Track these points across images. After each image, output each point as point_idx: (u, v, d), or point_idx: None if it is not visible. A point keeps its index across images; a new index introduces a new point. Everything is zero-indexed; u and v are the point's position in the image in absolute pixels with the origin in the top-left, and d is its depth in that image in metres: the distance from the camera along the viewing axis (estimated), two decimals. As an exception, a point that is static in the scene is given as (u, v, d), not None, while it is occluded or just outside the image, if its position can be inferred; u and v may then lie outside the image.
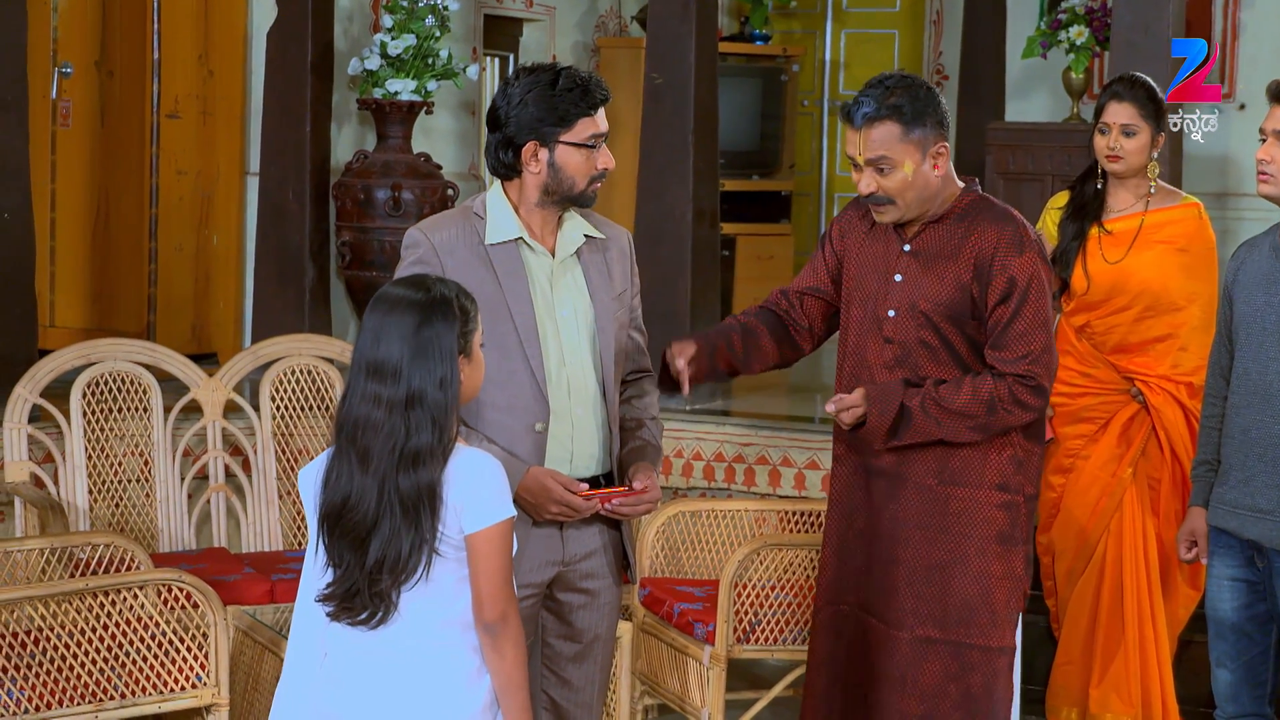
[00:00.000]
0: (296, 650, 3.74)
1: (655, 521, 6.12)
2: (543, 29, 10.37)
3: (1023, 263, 4.27)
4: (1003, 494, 4.35)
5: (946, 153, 4.32)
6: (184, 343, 8.30)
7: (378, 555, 3.51)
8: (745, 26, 10.93)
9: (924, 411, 4.28)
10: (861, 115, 4.27)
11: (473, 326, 3.60)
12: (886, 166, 4.26)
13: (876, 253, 4.44)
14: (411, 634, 3.58)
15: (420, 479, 3.50)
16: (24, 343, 6.74)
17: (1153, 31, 6.64)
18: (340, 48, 8.63)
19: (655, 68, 7.72)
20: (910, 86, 4.28)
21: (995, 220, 4.33)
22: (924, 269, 4.34)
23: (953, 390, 4.29)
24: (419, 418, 3.50)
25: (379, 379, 3.52)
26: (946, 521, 4.33)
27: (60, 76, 8.39)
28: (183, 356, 6.59)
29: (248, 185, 8.69)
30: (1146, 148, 5.52)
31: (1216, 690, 4.75)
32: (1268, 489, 4.53)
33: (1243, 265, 4.71)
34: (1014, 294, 4.26)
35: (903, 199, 4.30)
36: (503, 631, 3.56)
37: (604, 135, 4.18)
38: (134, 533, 6.36)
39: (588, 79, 4.17)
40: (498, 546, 3.54)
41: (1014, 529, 4.36)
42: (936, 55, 11.08)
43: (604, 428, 4.25)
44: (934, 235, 4.36)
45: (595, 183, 4.20)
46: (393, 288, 3.62)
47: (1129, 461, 5.59)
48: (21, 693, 4.87)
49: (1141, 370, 5.57)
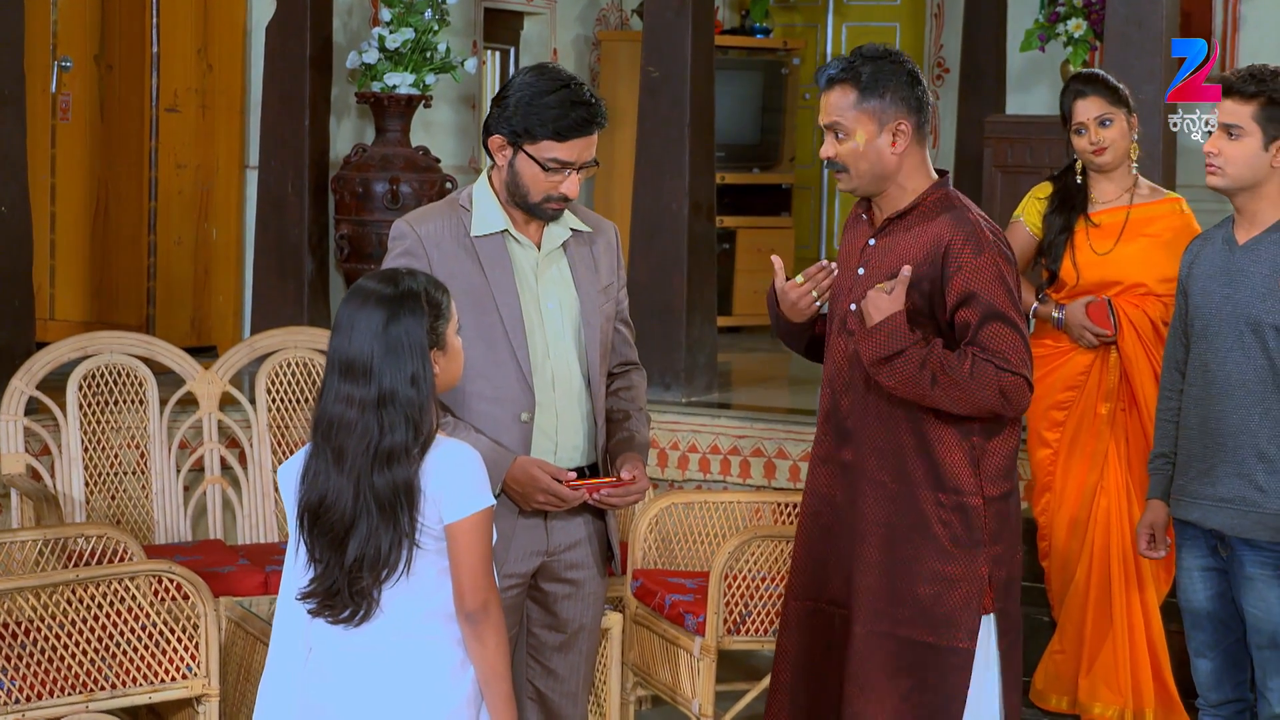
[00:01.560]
0: (279, 646, 3.76)
1: (648, 513, 6.14)
2: (543, 22, 10.39)
3: (980, 263, 4.15)
4: (956, 496, 4.20)
5: (908, 132, 4.20)
6: (184, 335, 8.34)
7: (356, 554, 3.54)
8: (746, 20, 10.94)
9: (923, 366, 4.14)
10: (825, 76, 4.24)
11: (445, 318, 3.61)
12: (841, 132, 4.20)
13: (853, 246, 4.38)
14: (395, 629, 3.60)
15: (396, 477, 3.52)
16: (22, 335, 6.77)
17: (1146, 25, 6.63)
18: (340, 41, 8.65)
19: (651, 61, 7.73)
20: (880, 58, 4.21)
21: (955, 218, 4.21)
22: (883, 263, 4.25)
23: (956, 361, 4.15)
24: (392, 416, 3.52)
25: (351, 378, 3.54)
26: (903, 521, 4.23)
27: (60, 71, 8.43)
28: (179, 349, 6.63)
29: (247, 179, 8.73)
30: (1127, 132, 5.57)
31: (1198, 680, 4.78)
32: (1228, 478, 4.58)
33: (1197, 259, 4.75)
34: (975, 298, 4.14)
35: (855, 169, 4.22)
36: (484, 620, 3.58)
37: (571, 165, 4.11)
38: (130, 525, 6.40)
39: (576, 103, 4.10)
40: (477, 536, 3.56)
41: (971, 531, 4.21)
42: (938, 49, 11.09)
43: (589, 419, 4.28)
44: (898, 229, 4.27)
45: (551, 203, 4.17)
46: (365, 281, 3.64)
47: (1103, 396, 5.62)
48: (13, 683, 4.91)
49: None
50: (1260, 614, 4.56)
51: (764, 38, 10.74)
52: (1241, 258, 4.62)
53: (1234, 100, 4.61)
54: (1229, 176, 4.61)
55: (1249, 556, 4.56)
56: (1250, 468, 4.55)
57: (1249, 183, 4.60)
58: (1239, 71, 4.65)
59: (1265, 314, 4.54)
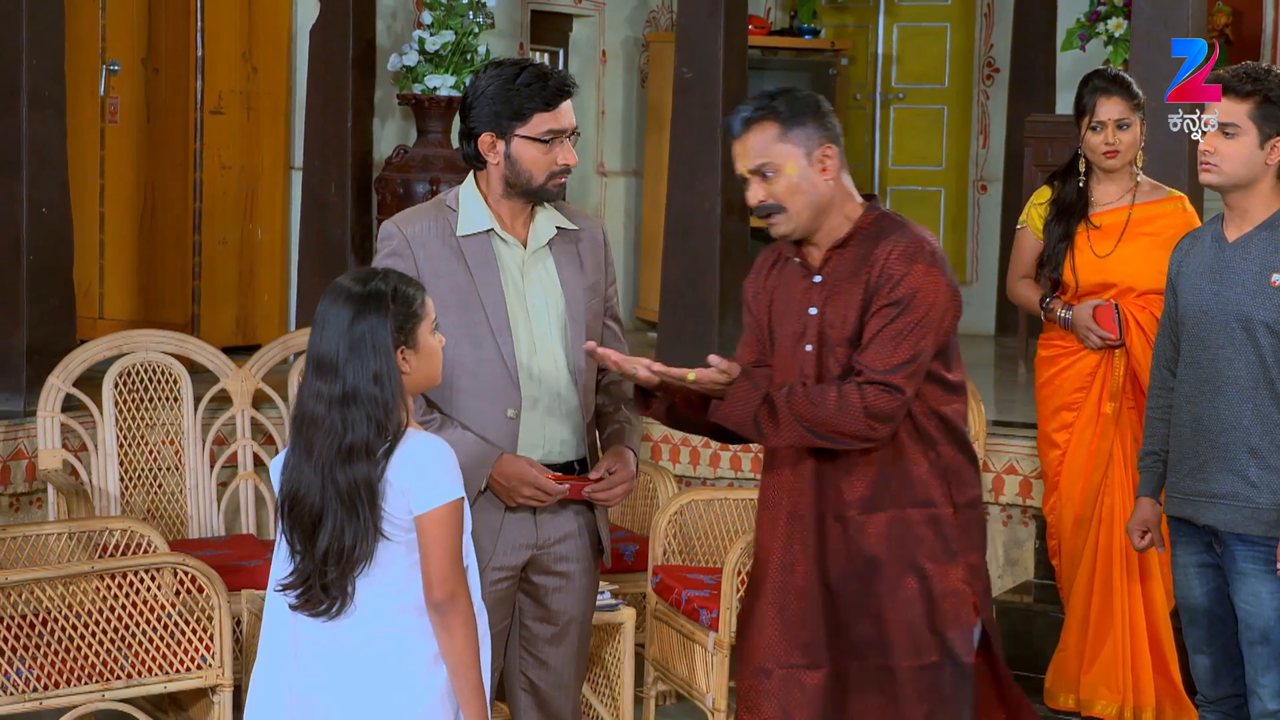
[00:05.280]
0: (268, 637, 3.85)
1: (668, 510, 6.20)
2: (592, 24, 10.46)
3: (912, 274, 3.98)
4: (926, 509, 4.06)
5: (835, 156, 4.05)
6: (229, 335, 8.49)
7: (324, 546, 3.62)
8: (794, 20, 10.98)
9: (787, 404, 3.97)
10: (740, 120, 4.07)
11: (416, 317, 3.68)
12: (770, 171, 4.03)
13: (794, 293, 4.15)
14: (370, 623, 3.68)
15: (355, 474, 3.60)
16: (61, 333, 6.89)
17: (1172, 25, 6.62)
18: (383, 44, 8.76)
19: (684, 62, 7.79)
20: (788, 92, 4.08)
21: (890, 235, 4.05)
22: (832, 297, 4.07)
23: (820, 395, 3.97)
24: (354, 414, 3.60)
25: (321, 375, 3.64)
26: (875, 549, 4.05)
27: (108, 74, 8.58)
28: (213, 347, 6.74)
29: (291, 179, 8.86)
30: (1139, 139, 5.60)
31: (1196, 676, 4.80)
32: (1221, 474, 4.60)
33: (1186, 256, 4.77)
34: (895, 304, 3.97)
35: (792, 204, 4.04)
36: (451, 610, 3.65)
37: (565, 131, 4.24)
38: (165, 519, 6.52)
39: (548, 74, 4.24)
40: (446, 528, 3.63)
41: (946, 543, 4.08)
42: (988, 48, 11.08)
43: (576, 414, 4.35)
44: (840, 260, 4.09)
45: (555, 178, 4.27)
46: (341, 278, 3.73)
47: (1108, 396, 5.63)
48: (30, 672, 5.03)
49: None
50: (1252, 609, 4.57)
51: (811, 38, 10.77)
52: (1231, 255, 4.64)
53: (1230, 99, 4.64)
54: (1225, 174, 4.64)
55: (1242, 552, 4.58)
56: (1242, 464, 4.57)
57: (1244, 180, 4.63)
58: (1235, 70, 4.68)
59: (1255, 311, 4.56)
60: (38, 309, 6.78)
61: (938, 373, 4.08)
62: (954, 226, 11.18)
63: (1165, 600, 5.63)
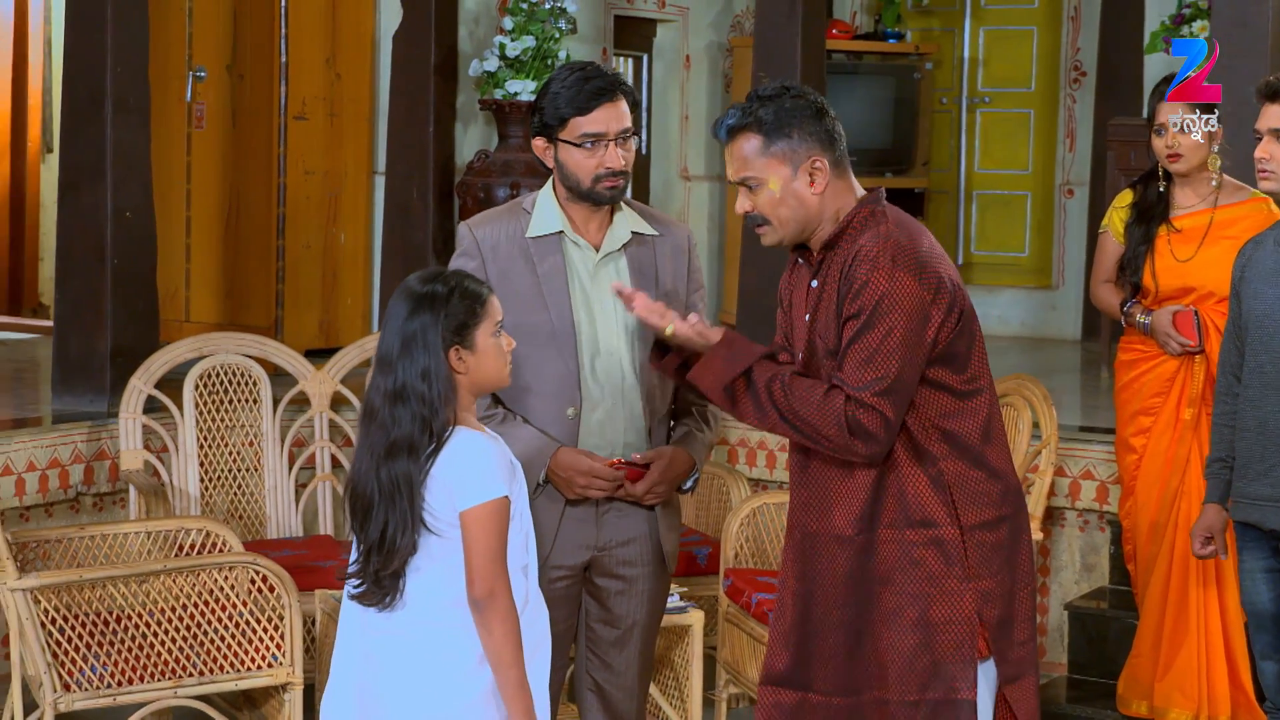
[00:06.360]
0: (343, 636, 3.90)
1: (739, 513, 6.21)
2: (676, 29, 10.48)
3: (874, 280, 3.72)
4: (926, 530, 3.79)
5: (825, 169, 3.83)
6: (312, 338, 8.58)
7: (375, 536, 3.68)
8: (879, 25, 10.97)
9: (767, 389, 3.81)
10: (725, 128, 3.91)
11: (476, 317, 3.72)
12: (753, 184, 3.85)
13: (800, 297, 3.97)
14: (418, 616, 3.73)
15: (396, 469, 3.66)
16: (145, 336, 6.99)
17: (1252, 25, 6.56)
18: (466, 49, 8.82)
19: (762, 66, 7.79)
20: (778, 96, 3.86)
21: (866, 233, 3.81)
22: (822, 303, 3.86)
23: (807, 388, 3.79)
24: (401, 411, 3.66)
25: (380, 369, 3.71)
26: (874, 573, 3.82)
27: (195, 80, 8.69)
28: (291, 350, 6.82)
29: (375, 184, 8.94)
30: (1205, 143, 5.53)
31: (1264, 682, 4.77)
32: None
33: (1249, 262, 4.73)
34: (856, 315, 3.74)
35: (776, 218, 3.86)
36: (490, 608, 3.68)
37: (603, 135, 4.23)
38: (245, 520, 6.60)
39: (590, 78, 4.25)
40: (487, 525, 3.67)
41: (950, 565, 3.80)
42: (1074, 52, 11.01)
43: (640, 418, 4.36)
44: (830, 262, 3.86)
45: (603, 181, 4.27)
46: (410, 277, 3.78)
47: (1187, 401, 5.59)
48: (105, 668, 5.12)
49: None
50: None
51: (895, 42, 10.76)
52: None
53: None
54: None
55: None
56: None
57: None
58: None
59: None
60: (121, 312, 6.89)
61: (943, 380, 3.82)
62: (1040, 231, 11.12)
63: (1240, 608, 5.59)
